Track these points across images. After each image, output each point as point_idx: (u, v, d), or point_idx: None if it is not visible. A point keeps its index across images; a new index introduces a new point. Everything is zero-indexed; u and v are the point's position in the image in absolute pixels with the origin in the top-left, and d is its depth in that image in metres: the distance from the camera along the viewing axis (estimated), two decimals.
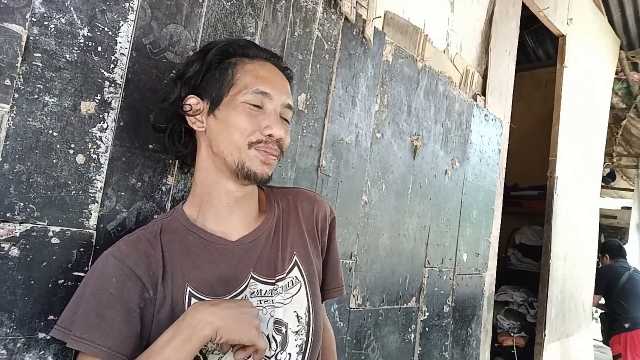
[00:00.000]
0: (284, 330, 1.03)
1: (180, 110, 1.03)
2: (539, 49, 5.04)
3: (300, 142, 1.56)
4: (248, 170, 0.98)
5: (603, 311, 4.76)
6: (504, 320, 4.07)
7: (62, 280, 1.00)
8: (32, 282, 0.96)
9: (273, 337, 1.01)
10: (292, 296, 1.07)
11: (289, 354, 1.03)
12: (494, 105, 2.77)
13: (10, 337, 0.93)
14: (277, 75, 1.05)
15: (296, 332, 1.05)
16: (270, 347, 1.00)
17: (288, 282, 1.07)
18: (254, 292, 1.02)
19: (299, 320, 1.06)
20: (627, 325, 4.22)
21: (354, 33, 1.75)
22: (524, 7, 3.13)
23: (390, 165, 1.97)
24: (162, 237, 1.00)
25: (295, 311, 1.06)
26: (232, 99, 0.99)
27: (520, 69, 3.60)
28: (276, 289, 1.05)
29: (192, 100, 1.02)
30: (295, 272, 1.09)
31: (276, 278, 1.05)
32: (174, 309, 0.94)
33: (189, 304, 0.95)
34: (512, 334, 3.96)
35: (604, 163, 5.18)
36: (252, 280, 1.02)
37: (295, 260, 1.10)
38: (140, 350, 0.90)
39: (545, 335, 3.38)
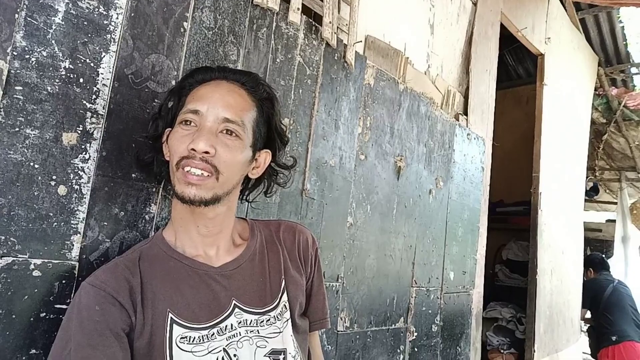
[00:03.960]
0: (282, 357, 1.03)
1: (157, 143, 1.09)
2: (519, 67, 5.14)
3: None
4: (177, 192, 0.98)
5: (590, 325, 4.78)
6: (493, 337, 4.07)
7: (44, 314, 0.99)
8: (14, 316, 0.95)
9: None
10: (287, 320, 1.07)
11: None
12: (476, 124, 2.81)
13: None
14: (217, 91, 1.02)
15: (294, 357, 1.05)
16: None
17: (281, 309, 1.07)
18: (241, 322, 1.01)
19: (294, 345, 1.06)
20: (614, 338, 4.23)
21: (336, 58, 1.77)
22: (503, 27, 3.20)
23: (374, 186, 1.98)
24: (141, 264, 1.00)
25: (291, 335, 1.07)
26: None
27: (502, 87, 3.67)
28: (268, 320, 1.05)
29: (165, 135, 1.07)
30: (285, 297, 1.09)
31: (266, 308, 1.06)
32: (152, 336, 0.94)
33: (171, 331, 0.94)
34: (502, 351, 3.96)
35: (587, 177, 5.26)
36: (237, 310, 1.02)
37: (284, 286, 1.10)
38: None
39: (534, 351, 3.39)
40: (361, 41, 1.95)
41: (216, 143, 0.97)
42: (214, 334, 0.98)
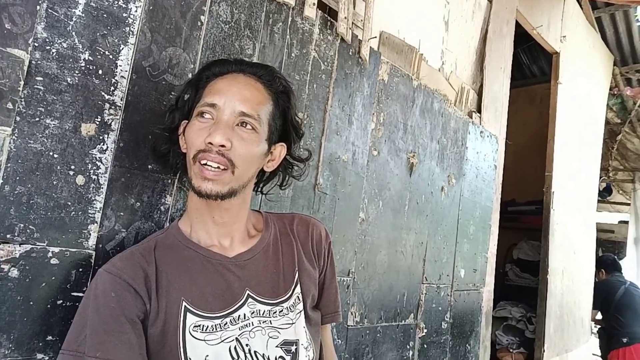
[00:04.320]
0: (294, 348, 1.04)
1: (174, 135, 1.09)
2: (534, 65, 5.10)
3: None
4: (194, 186, 0.99)
5: (601, 326, 4.75)
6: (502, 336, 4.06)
7: (61, 301, 1.01)
8: (31, 303, 0.97)
9: (279, 358, 1.02)
10: (300, 312, 1.08)
11: None
12: (489, 122, 2.80)
13: (9, 359, 0.94)
14: (235, 85, 1.02)
15: (306, 348, 1.06)
16: None
17: (294, 301, 1.08)
18: (254, 312, 1.02)
19: (306, 336, 1.07)
20: (625, 340, 4.20)
21: (350, 53, 1.78)
22: (518, 25, 3.18)
23: (387, 182, 1.98)
24: (157, 252, 1.01)
25: (304, 326, 1.07)
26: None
27: (515, 86, 3.65)
28: (281, 311, 1.05)
29: (183, 126, 1.07)
30: (298, 289, 1.10)
31: (279, 299, 1.06)
32: (166, 324, 0.95)
33: (184, 319, 0.96)
34: (511, 350, 3.94)
35: (600, 177, 5.21)
36: (250, 300, 1.03)
37: (297, 277, 1.11)
38: None
39: (544, 350, 3.37)
40: (376, 37, 1.95)
41: (232, 136, 0.97)
42: (226, 323, 0.99)
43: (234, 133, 0.98)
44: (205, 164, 0.96)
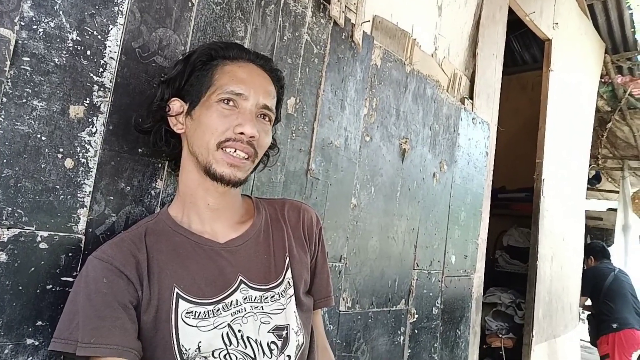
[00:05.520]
0: (285, 333, 1.03)
1: (162, 112, 1.06)
2: (525, 52, 5.09)
3: (290, 145, 1.56)
4: (214, 172, 0.99)
5: (590, 312, 4.80)
6: (492, 321, 4.10)
7: (51, 286, 1.00)
8: (20, 288, 0.95)
9: (270, 343, 1.01)
10: (290, 296, 1.08)
11: (288, 356, 1.03)
12: (481, 109, 2.79)
13: None
14: (256, 76, 1.05)
15: (296, 332, 1.05)
16: (265, 354, 1.00)
17: (285, 286, 1.08)
18: (246, 298, 1.02)
19: (297, 321, 1.06)
20: (614, 326, 4.26)
21: (343, 37, 1.76)
22: (511, 12, 3.17)
23: (379, 168, 1.98)
24: (147, 239, 1.00)
25: (294, 311, 1.07)
26: (208, 99, 1.01)
27: (507, 73, 3.64)
28: (273, 296, 1.05)
29: (175, 103, 1.05)
30: (289, 274, 1.10)
31: (270, 285, 1.06)
32: (158, 311, 0.94)
33: (177, 305, 0.95)
34: (500, 335, 3.99)
35: (590, 165, 5.24)
36: (242, 285, 1.02)
37: (288, 263, 1.11)
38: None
39: (533, 336, 3.41)
40: (369, 21, 1.93)
41: (258, 128, 1.01)
42: (219, 309, 0.98)
43: (258, 124, 1.02)
44: (233, 152, 0.99)
